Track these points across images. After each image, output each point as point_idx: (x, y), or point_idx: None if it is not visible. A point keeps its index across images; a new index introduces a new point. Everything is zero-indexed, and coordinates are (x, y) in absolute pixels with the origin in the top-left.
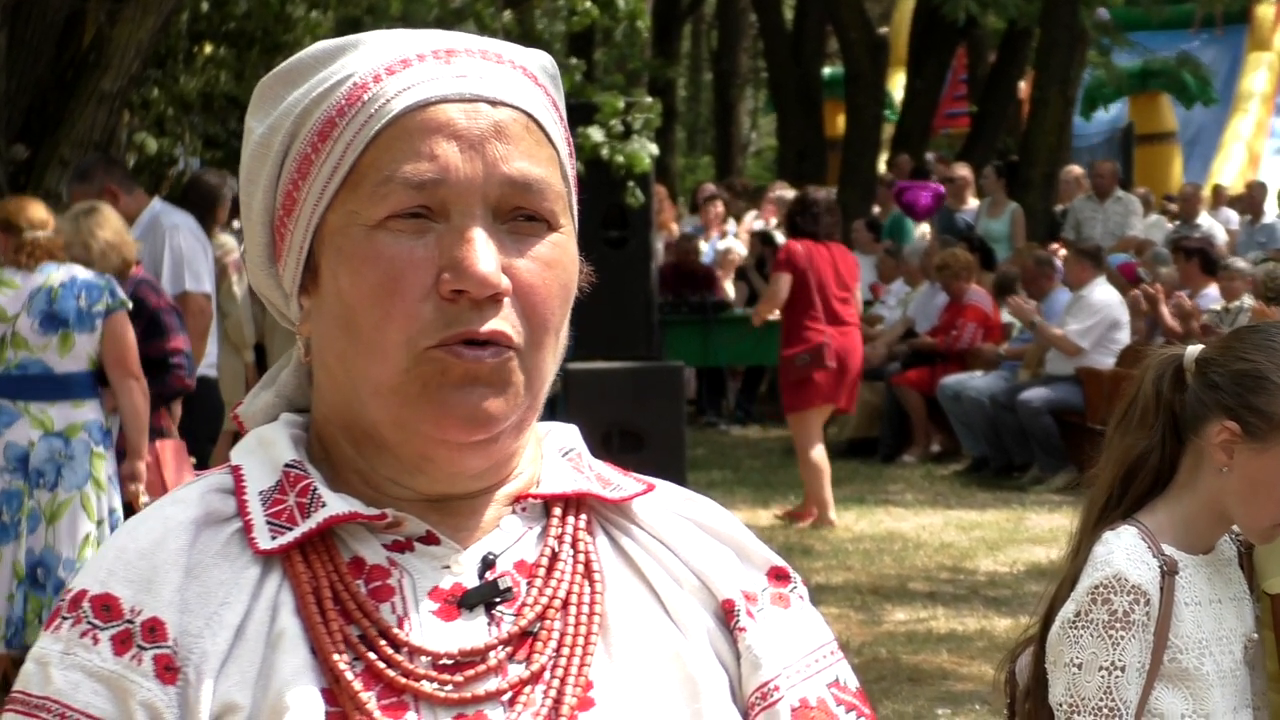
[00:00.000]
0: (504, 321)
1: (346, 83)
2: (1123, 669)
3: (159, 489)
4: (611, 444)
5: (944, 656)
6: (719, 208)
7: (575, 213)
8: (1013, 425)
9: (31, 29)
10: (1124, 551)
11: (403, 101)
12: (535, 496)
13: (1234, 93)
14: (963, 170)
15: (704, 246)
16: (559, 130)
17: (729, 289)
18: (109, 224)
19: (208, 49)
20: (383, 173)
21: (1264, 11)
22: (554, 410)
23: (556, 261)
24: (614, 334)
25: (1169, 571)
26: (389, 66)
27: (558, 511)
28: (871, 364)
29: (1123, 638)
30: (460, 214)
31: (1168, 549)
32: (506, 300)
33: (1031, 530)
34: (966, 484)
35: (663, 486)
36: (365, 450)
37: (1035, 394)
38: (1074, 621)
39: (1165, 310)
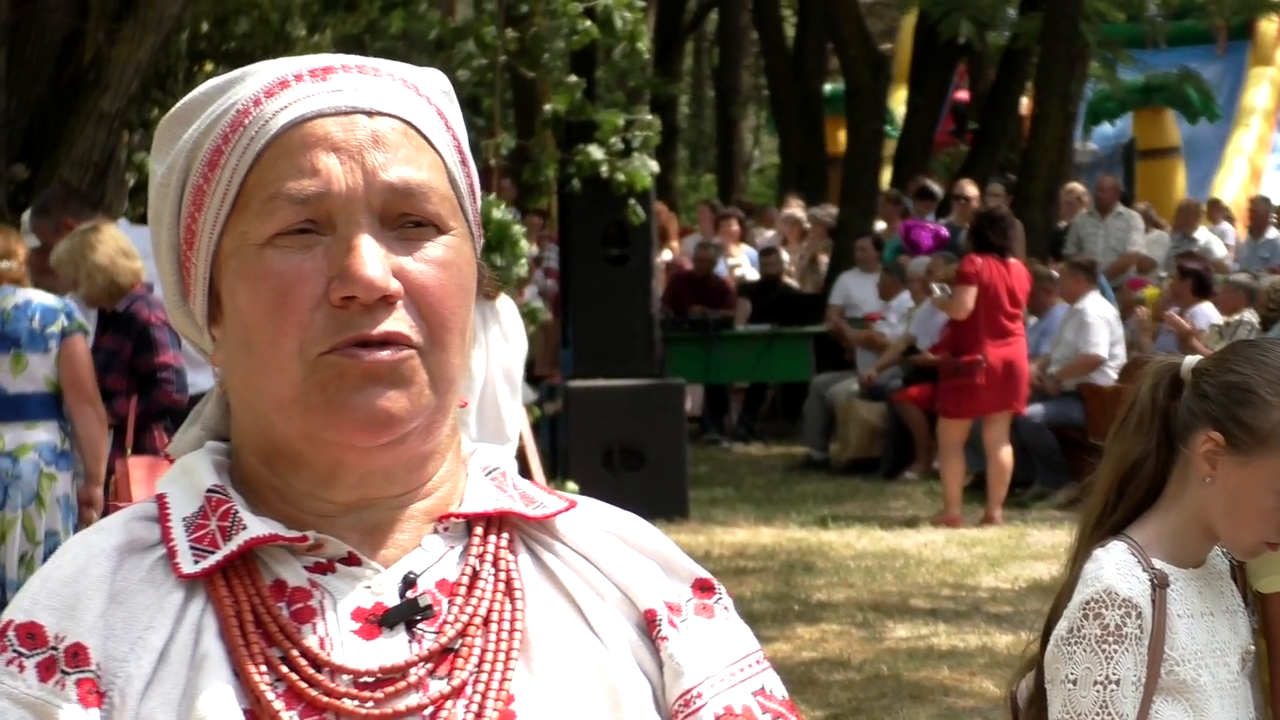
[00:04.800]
0: (398, 322)
1: (230, 111)
2: (1117, 682)
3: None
4: (613, 461)
5: (945, 673)
6: (733, 226)
7: (473, 216)
8: (1014, 441)
9: (31, 48)
10: (1113, 566)
11: (281, 120)
12: (457, 516)
13: (1236, 108)
14: (971, 189)
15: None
16: (443, 137)
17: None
18: (104, 246)
19: (208, 68)
20: (268, 190)
21: (1266, 27)
22: (554, 428)
23: (450, 262)
24: (615, 351)
25: (1160, 585)
26: (268, 89)
27: (479, 530)
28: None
29: (1116, 651)
30: (345, 223)
31: (1158, 563)
32: (400, 303)
33: (1033, 546)
34: (968, 500)
35: (586, 503)
36: (279, 468)
37: (1036, 410)
38: (1067, 638)
39: (1198, 344)
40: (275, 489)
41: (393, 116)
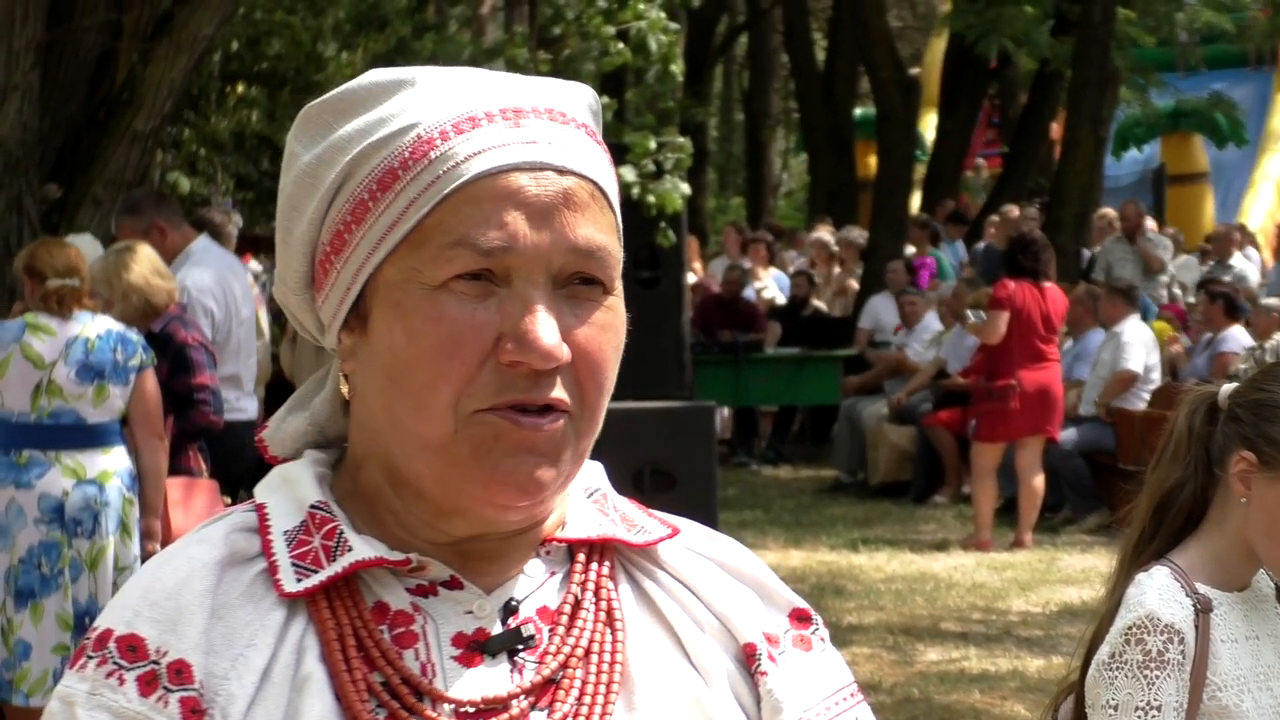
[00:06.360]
0: (561, 390)
1: (410, 133)
2: (1158, 709)
3: (168, 528)
4: (643, 483)
5: (976, 697)
6: (761, 251)
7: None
8: (1044, 466)
9: (64, 68)
10: (1156, 591)
11: (474, 167)
12: (560, 540)
13: (1263, 132)
14: (1033, 214)
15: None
16: (613, 186)
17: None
18: (139, 266)
19: (240, 89)
20: (450, 236)
21: None
22: None
23: (610, 325)
24: (646, 374)
25: (1203, 610)
26: (456, 124)
27: (581, 557)
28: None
29: (1158, 677)
30: (524, 281)
31: (1201, 587)
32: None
33: (1064, 571)
34: (998, 524)
35: (686, 527)
36: (403, 494)
37: (1066, 435)
38: (1109, 663)
39: None
40: (393, 511)
41: (582, 177)
